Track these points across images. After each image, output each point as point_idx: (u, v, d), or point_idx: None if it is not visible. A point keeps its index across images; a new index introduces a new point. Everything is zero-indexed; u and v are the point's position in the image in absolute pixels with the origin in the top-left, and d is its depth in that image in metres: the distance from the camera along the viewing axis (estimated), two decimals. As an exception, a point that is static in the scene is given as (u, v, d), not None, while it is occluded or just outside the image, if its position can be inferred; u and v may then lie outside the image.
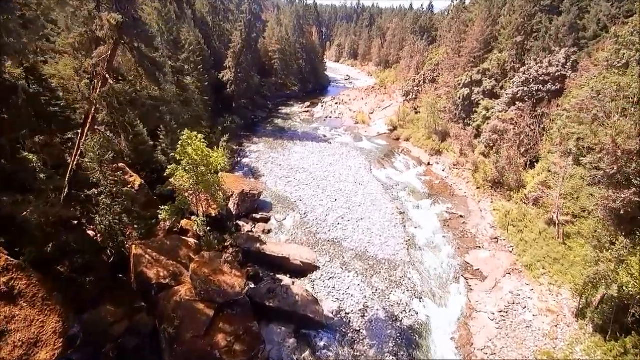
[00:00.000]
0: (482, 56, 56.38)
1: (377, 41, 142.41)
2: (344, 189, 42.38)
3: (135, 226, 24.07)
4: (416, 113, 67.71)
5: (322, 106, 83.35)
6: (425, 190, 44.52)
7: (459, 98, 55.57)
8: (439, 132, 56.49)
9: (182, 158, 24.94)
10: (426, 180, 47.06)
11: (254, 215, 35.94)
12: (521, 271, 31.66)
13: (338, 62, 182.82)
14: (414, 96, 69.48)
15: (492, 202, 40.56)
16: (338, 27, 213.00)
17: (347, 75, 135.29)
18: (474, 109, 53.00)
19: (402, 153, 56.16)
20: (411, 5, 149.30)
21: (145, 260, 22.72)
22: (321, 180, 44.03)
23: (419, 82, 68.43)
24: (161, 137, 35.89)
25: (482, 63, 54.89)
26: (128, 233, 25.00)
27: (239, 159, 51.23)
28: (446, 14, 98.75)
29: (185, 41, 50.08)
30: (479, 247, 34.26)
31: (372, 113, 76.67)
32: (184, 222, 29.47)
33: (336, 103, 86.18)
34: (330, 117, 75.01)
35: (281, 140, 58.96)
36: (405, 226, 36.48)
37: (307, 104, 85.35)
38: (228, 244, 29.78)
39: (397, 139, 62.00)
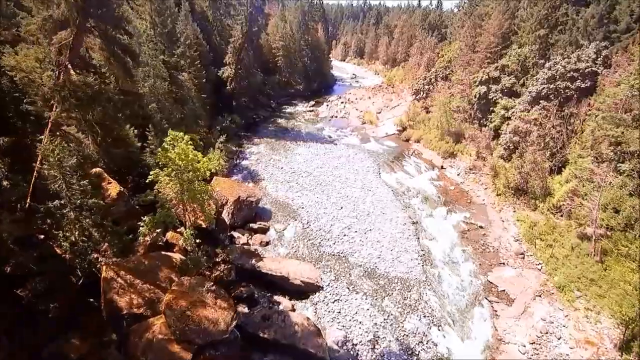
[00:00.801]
0: (500, 51, 52.38)
1: (384, 39, 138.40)
2: (350, 195, 38.70)
3: (109, 243, 20.62)
4: (427, 113, 63.85)
5: (328, 105, 79.69)
6: (440, 197, 40.70)
7: (475, 96, 51.66)
8: (452, 133, 52.60)
9: (165, 163, 21.48)
10: (440, 186, 43.22)
11: (251, 225, 32.39)
12: (553, 293, 27.80)
13: (344, 60, 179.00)
14: (424, 95, 65.57)
15: (514, 211, 36.64)
16: (344, 25, 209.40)
17: (353, 74, 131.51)
18: (491, 109, 49.05)
19: (412, 155, 52.35)
20: (419, 2, 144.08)
21: (117, 285, 19.27)
22: (326, 185, 40.39)
23: (430, 80, 64.51)
24: (150, 137, 32.48)
25: (500, 59, 50.93)
26: (102, 250, 21.60)
27: (238, 160, 47.75)
28: (458, 9, 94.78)
29: (180, 35, 46.66)
30: (503, 263, 30.42)
31: (379, 113, 72.87)
32: (169, 235, 26.03)
33: (342, 102, 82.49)
34: (336, 117, 71.36)
35: (283, 141, 55.41)
36: (419, 238, 32.74)
37: (312, 103, 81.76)
38: (219, 259, 26.27)
39: (407, 140, 58.18)
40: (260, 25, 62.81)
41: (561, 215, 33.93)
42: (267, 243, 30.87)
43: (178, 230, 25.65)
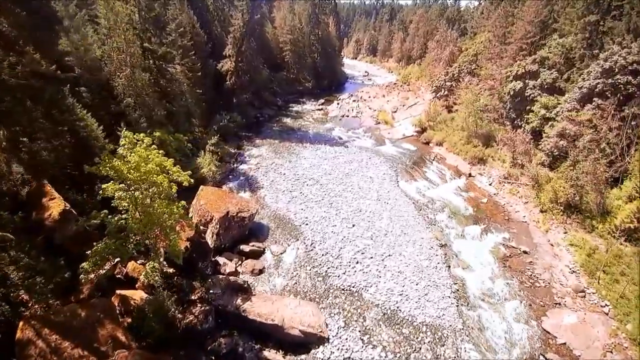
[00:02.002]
0: (538, 42, 45.61)
1: (399, 35, 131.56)
2: (364, 208, 32.50)
3: (28, 288, 14.84)
4: (449, 112, 57.26)
5: (338, 104, 73.50)
6: (470, 211, 34.23)
7: (507, 94, 44.94)
8: (480, 136, 45.96)
9: (110, 175, 15.66)
10: (469, 198, 36.72)
11: (241, 247, 26.41)
12: (626, 347, 21.23)
13: (356, 58, 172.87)
14: (445, 93, 58.93)
15: (565, 232, 29.96)
16: (356, 22, 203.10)
17: (366, 72, 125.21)
18: (527, 107, 42.25)
19: (434, 160, 45.85)
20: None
21: (36, 351, 13.48)
22: (335, 197, 34.24)
23: (453, 75, 57.81)
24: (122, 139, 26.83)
25: (538, 50, 44.11)
26: (21, 298, 15.85)
27: (235, 164, 41.90)
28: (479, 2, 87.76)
29: (172, 21, 40.97)
30: (559, 304, 23.87)
31: (395, 112, 66.41)
32: (130, 267, 20.23)
33: (354, 100, 76.21)
34: (347, 117, 65.14)
35: (288, 142, 49.42)
36: (449, 267, 26.39)
37: (321, 101, 75.67)
38: (196, 297, 20.36)
39: (427, 143, 51.67)
40: (263, 13, 56.86)
41: (627, 241, 27.22)
42: (261, 271, 24.86)
43: (141, 262, 19.83)
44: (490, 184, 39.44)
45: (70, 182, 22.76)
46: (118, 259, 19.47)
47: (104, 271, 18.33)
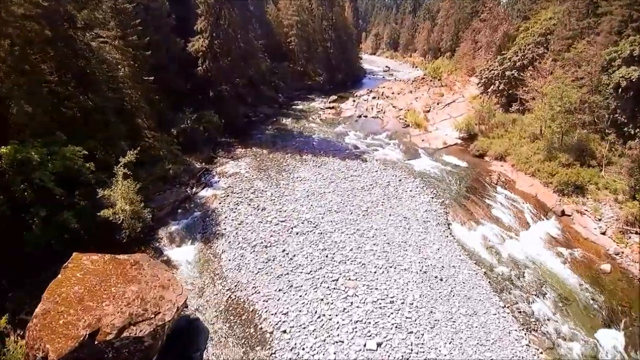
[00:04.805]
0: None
1: (426, 25, 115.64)
2: (398, 294, 17.27)
3: None
4: (506, 111, 41.65)
5: (354, 101, 58.40)
6: (587, 293, 18.78)
7: (612, 87, 29.31)
8: (570, 149, 30.28)
9: None
10: (576, 261, 21.21)
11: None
12: None
13: (375, 54, 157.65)
14: (501, 86, 43.19)
15: None
16: (375, 15, 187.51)
17: (387, 67, 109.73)
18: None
19: (499, 184, 30.31)
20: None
21: None
22: (344, 263, 19.07)
23: (514, 63, 41.98)
24: None
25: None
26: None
27: (195, 189, 27.45)
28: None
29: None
30: None
31: (428, 112, 50.94)
32: None
33: (373, 97, 61.02)
34: (366, 117, 50.00)
35: (282, 152, 34.72)
36: None
37: (333, 97, 60.66)
38: None
39: (481, 156, 36.11)
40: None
41: None
42: None
43: None
44: (603, 232, 23.74)
45: None
46: None
47: None
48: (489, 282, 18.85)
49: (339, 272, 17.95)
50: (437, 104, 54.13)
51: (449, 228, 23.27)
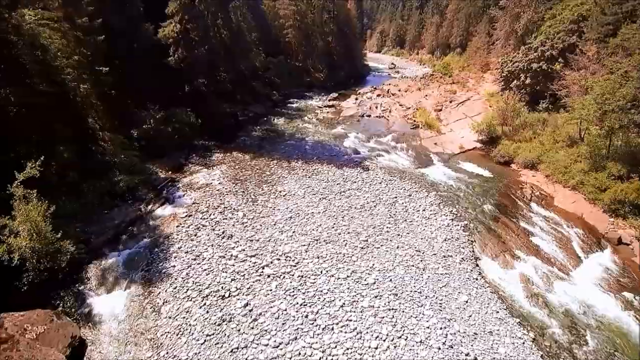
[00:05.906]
0: None
1: (434, 20, 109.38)
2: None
3: None
4: (532, 110, 35.67)
5: (357, 99, 52.62)
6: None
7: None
8: (623, 156, 24.27)
9: None
10: (656, 314, 15.35)
11: None
12: None
13: (379, 52, 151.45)
14: (528, 81, 37.13)
15: None
16: (381, 12, 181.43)
17: (392, 64, 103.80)
18: None
19: (533, 200, 24.36)
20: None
21: None
22: (333, 328, 13.19)
23: (542, 53, 35.91)
24: None
25: None
26: None
27: (151, 206, 21.83)
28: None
29: None
30: None
31: (440, 111, 45.03)
32: None
33: (378, 95, 55.19)
34: (369, 116, 44.19)
35: (267, 158, 29.03)
36: None
37: (333, 95, 54.91)
38: None
39: (507, 163, 30.17)
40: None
41: None
42: None
43: None
44: (682, 270, 17.84)
45: None
46: None
47: None
48: (541, 356, 12.96)
49: (321, 347, 12.10)
50: (450, 102, 48.14)
51: (477, 266, 17.37)
